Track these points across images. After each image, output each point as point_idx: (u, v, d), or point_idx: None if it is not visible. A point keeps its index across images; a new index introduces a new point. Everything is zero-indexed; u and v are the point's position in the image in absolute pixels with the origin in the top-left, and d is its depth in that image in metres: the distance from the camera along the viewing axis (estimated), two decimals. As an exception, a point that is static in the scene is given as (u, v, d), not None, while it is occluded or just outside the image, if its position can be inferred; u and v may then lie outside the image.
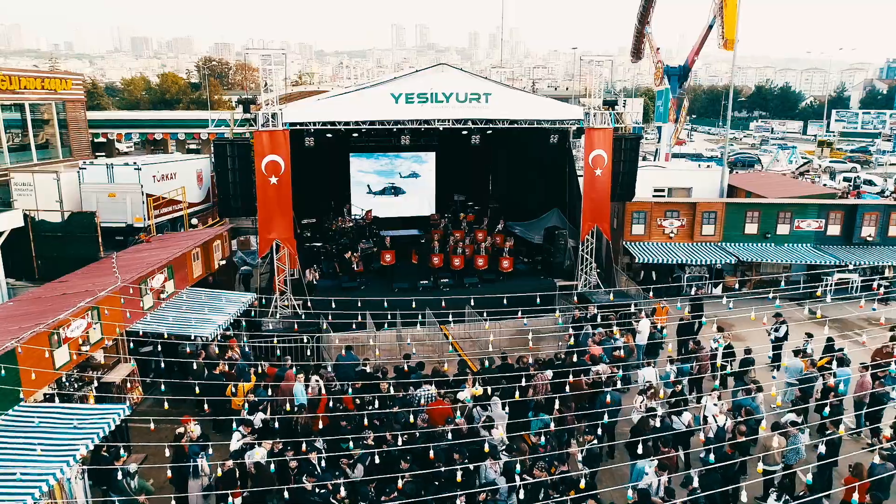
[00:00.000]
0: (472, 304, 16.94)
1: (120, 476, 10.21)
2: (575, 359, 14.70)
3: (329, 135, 22.71)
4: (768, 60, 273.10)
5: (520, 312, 15.16)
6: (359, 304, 15.39)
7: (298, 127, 17.73)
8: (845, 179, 44.91)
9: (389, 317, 16.24)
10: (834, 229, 22.45)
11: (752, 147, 76.62)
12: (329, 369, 14.66)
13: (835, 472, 11.95)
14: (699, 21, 38.18)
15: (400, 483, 9.75)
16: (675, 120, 41.37)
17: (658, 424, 11.76)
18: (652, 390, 13.15)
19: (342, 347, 15.37)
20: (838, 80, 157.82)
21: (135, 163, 23.52)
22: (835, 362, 14.41)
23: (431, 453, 10.27)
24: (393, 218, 26.40)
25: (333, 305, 16.12)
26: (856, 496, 9.48)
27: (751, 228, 22.55)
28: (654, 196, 27.48)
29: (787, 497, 10.29)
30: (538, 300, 15.94)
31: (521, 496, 9.50)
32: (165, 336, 14.51)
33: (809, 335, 15.68)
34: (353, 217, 25.19)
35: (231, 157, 17.09)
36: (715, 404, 12.48)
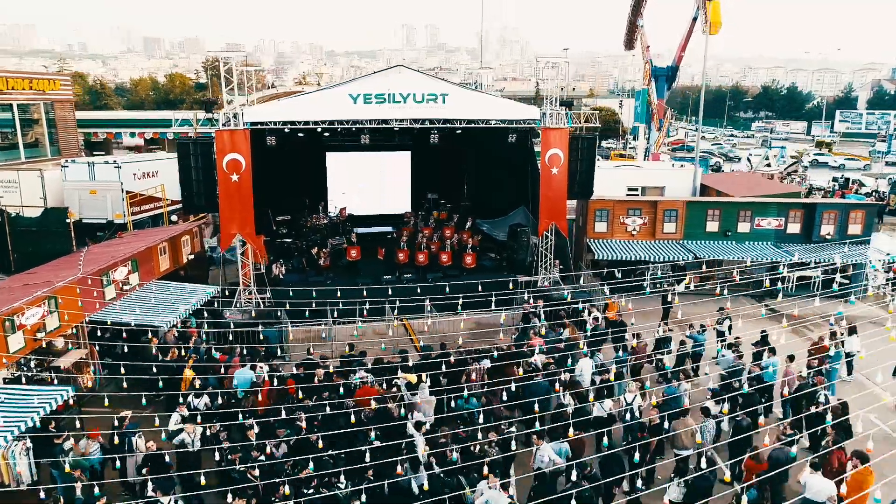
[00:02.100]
0: (429, 301, 17.58)
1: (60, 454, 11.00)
2: (512, 349, 15.28)
3: (301, 134, 23.39)
4: (779, 60, 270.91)
5: (460, 306, 15.77)
6: (313, 295, 16.08)
7: (260, 126, 18.43)
8: (833, 179, 45.04)
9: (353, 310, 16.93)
10: (794, 227, 22.84)
11: (732, 147, 75.81)
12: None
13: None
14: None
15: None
16: (659, 128, 41.71)
17: (570, 410, 12.33)
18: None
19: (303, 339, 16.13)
20: (849, 81, 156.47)
21: (115, 161, 24.41)
22: (766, 353, 14.94)
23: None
24: (368, 216, 27.03)
25: (292, 296, 16.87)
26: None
27: (712, 226, 23.00)
28: (627, 195, 28.01)
29: (686, 480, 10.85)
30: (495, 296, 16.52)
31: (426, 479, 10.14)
32: (132, 325, 15.30)
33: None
34: (327, 214, 25.88)
35: (194, 155, 17.85)
36: (631, 391, 13.03)
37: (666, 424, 12.33)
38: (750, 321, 18.08)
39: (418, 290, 17.87)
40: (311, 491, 9.90)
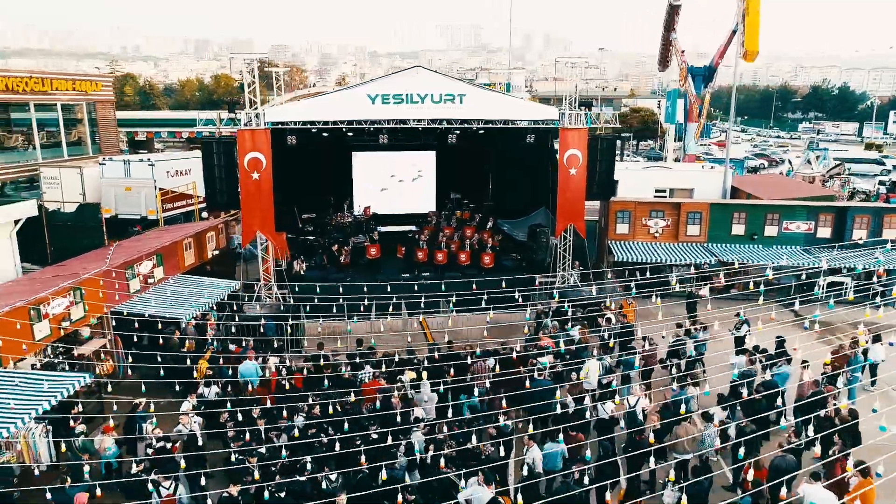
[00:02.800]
0: (454, 298, 17.73)
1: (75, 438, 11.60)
2: (519, 349, 15.33)
3: (326, 134, 23.85)
4: (834, 59, 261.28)
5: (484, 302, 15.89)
6: (325, 292, 16.45)
7: (280, 126, 18.90)
8: (880, 183, 43.39)
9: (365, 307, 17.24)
10: (824, 231, 22.17)
11: (777, 148, 73.51)
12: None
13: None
14: (728, 18, 37.24)
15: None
16: (697, 118, 40.91)
17: (570, 411, 12.32)
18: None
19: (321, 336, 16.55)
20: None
21: (149, 159, 25.33)
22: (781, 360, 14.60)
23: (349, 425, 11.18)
24: (393, 215, 27.36)
25: (309, 292, 17.28)
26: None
27: (738, 229, 22.52)
28: (655, 196, 27.65)
29: (681, 485, 10.73)
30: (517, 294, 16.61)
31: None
32: (146, 316, 15.96)
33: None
34: (352, 213, 26.33)
35: (217, 153, 18.45)
36: (634, 394, 12.93)
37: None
38: (775, 327, 17.70)
39: (440, 288, 18.01)
40: (304, 479, 10.20)
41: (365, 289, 17.44)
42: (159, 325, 15.17)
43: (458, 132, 24.11)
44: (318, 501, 9.29)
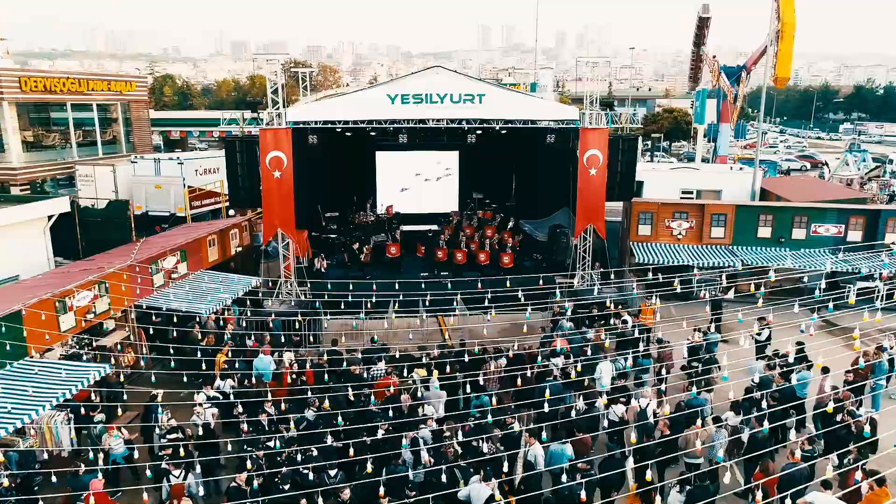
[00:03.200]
0: (459, 297, 17.82)
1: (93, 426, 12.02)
2: (533, 349, 15.29)
3: (349, 133, 24.12)
4: (879, 57, 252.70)
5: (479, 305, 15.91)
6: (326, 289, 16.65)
7: (302, 125, 19.19)
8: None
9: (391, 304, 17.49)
10: (855, 235, 21.55)
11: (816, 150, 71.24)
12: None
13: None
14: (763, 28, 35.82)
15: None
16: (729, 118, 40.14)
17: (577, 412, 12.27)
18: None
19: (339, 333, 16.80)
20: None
21: (178, 157, 25.96)
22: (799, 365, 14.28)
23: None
24: (415, 214, 27.53)
25: (329, 289, 17.53)
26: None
27: (764, 232, 22.03)
28: (681, 198, 27.23)
29: (689, 486, 10.60)
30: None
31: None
32: (163, 309, 16.38)
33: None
34: (375, 212, 26.59)
35: (240, 152, 18.84)
36: (645, 397, 12.80)
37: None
38: (801, 334, 17.29)
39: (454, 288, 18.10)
40: (307, 472, 10.38)
41: (374, 286, 17.59)
42: (175, 319, 15.52)
43: (479, 132, 24.13)
44: (312, 491, 9.43)
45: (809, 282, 20.85)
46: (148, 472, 10.65)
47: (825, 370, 13.86)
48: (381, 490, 9.55)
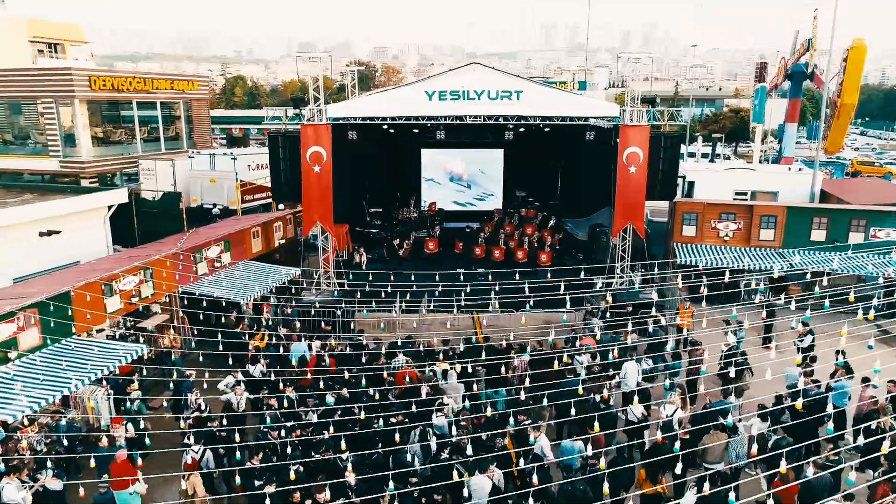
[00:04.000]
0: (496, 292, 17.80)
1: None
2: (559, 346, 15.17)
3: (392, 130, 24.50)
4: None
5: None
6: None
7: (341, 122, 19.68)
8: None
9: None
10: (919, 240, 20.25)
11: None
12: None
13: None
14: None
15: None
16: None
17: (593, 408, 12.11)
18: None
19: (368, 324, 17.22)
20: None
21: (232, 153, 27.04)
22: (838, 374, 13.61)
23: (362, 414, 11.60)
24: (459, 211, 27.69)
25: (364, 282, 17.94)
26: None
27: (817, 235, 21.00)
28: (734, 199, 26.28)
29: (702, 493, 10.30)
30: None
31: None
32: (196, 294, 17.16)
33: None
34: (418, 208, 26.91)
35: (283, 147, 19.50)
36: (672, 403, 12.51)
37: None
38: (853, 342, 16.43)
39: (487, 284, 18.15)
40: (317, 456, 10.71)
41: (389, 279, 17.78)
42: (216, 305, 16.23)
43: (521, 130, 24.02)
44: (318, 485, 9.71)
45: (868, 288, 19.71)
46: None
47: (865, 380, 13.15)
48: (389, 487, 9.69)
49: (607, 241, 21.79)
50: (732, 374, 13.86)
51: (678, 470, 10.44)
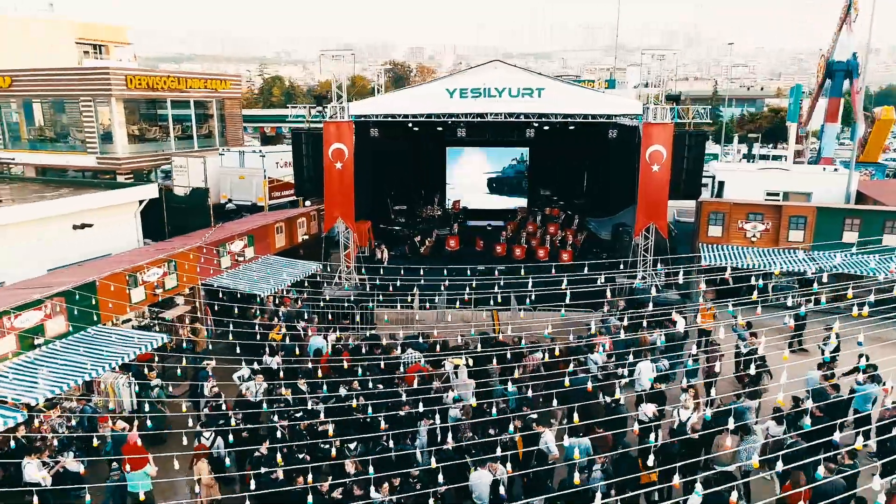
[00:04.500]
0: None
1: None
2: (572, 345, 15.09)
3: (416, 128, 24.65)
4: None
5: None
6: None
7: (363, 119, 19.90)
8: None
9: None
10: (957, 243, 19.45)
11: None
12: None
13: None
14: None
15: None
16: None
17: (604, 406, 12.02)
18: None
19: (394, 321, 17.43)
20: None
21: (260, 150, 27.57)
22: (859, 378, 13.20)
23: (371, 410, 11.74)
24: (483, 210, 27.70)
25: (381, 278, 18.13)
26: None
27: (849, 237, 20.34)
28: (766, 199, 25.66)
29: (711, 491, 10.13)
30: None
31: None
32: (214, 286, 17.55)
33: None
34: (442, 206, 27.03)
35: (305, 144, 19.82)
36: (686, 407, 12.32)
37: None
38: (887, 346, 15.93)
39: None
40: (327, 446, 10.87)
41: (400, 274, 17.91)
42: (238, 298, 16.59)
43: (545, 127, 23.92)
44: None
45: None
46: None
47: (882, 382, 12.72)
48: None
49: (630, 241, 21.52)
50: (752, 373, 13.66)
51: (686, 471, 10.32)
